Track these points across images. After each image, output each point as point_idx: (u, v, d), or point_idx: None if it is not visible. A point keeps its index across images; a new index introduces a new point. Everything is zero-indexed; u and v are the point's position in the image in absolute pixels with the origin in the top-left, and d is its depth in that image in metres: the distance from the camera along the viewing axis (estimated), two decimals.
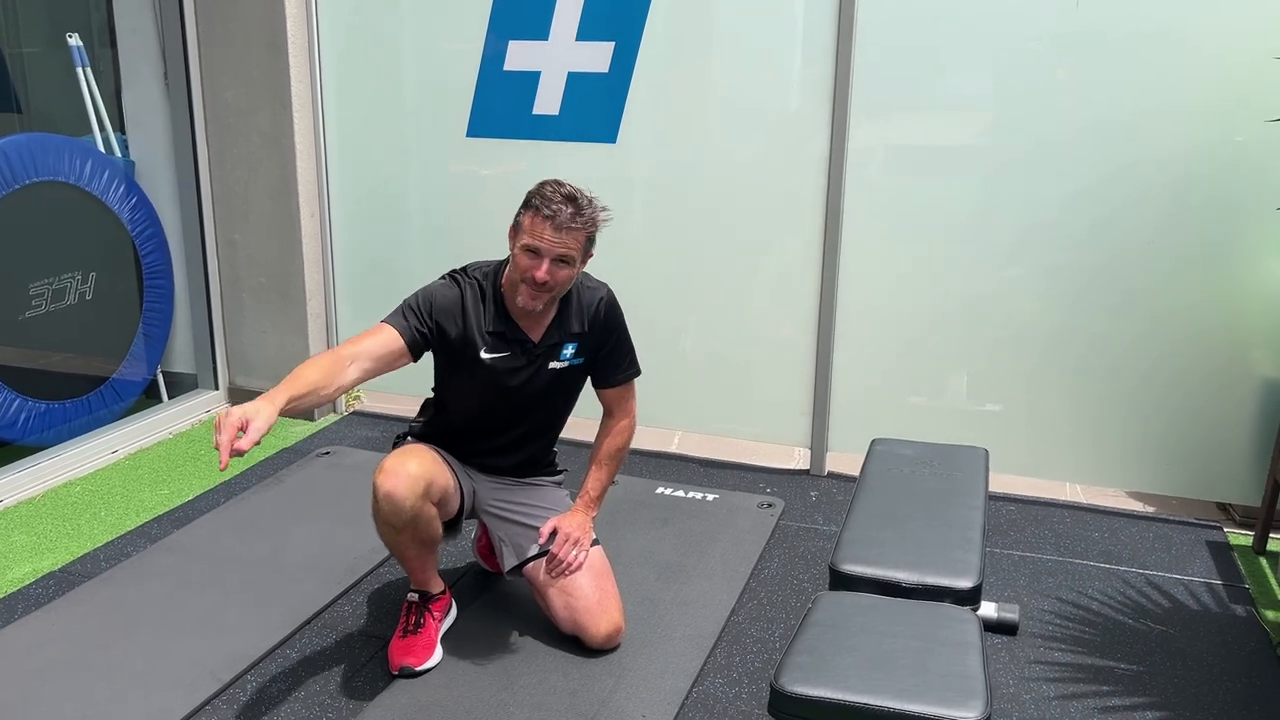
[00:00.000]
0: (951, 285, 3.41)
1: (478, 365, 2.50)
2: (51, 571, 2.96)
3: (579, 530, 2.60)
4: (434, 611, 2.56)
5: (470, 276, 2.54)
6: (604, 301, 2.59)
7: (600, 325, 2.58)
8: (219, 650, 2.56)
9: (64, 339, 3.73)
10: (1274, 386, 3.17)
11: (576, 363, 2.59)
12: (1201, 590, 2.92)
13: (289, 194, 3.93)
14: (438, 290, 2.50)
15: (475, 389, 2.56)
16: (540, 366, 2.54)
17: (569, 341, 2.56)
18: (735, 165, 3.54)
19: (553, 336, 2.54)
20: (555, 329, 2.54)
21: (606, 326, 2.59)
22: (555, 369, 2.56)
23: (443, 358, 2.55)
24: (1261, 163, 3.04)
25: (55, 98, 3.88)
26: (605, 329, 2.59)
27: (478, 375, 2.52)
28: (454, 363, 2.52)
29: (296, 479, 3.54)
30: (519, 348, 2.52)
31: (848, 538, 2.27)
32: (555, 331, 2.54)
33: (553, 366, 2.56)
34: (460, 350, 2.50)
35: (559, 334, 2.54)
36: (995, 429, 3.44)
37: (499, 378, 2.52)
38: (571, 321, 2.55)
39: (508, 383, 2.53)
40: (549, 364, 2.55)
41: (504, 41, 3.67)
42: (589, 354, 2.60)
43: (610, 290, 2.63)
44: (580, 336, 2.57)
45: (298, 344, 4.08)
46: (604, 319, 2.58)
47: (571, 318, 2.55)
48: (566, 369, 2.58)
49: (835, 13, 3.28)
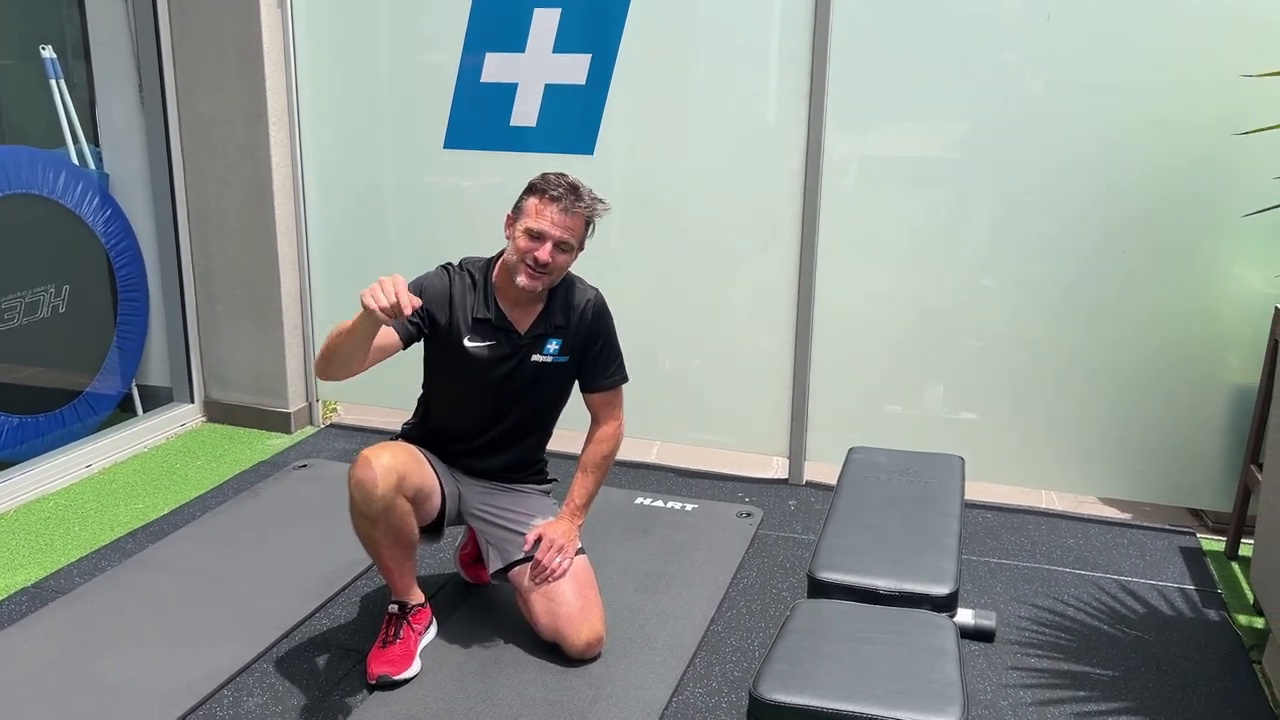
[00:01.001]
0: (927, 295, 3.44)
1: (462, 354, 2.53)
2: (24, 587, 2.93)
3: (563, 538, 2.61)
4: (414, 623, 2.55)
5: (463, 268, 2.59)
6: (592, 303, 2.63)
7: (586, 324, 2.61)
8: (195, 665, 2.54)
9: (37, 352, 3.70)
10: (1245, 393, 3.21)
11: (561, 360, 2.60)
12: (1175, 595, 2.95)
13: (265, 206, 3.92)
14: (428, 279, 2.56)
15: (459, 380, 2.58)
16: (524, 358, 2.56)
17: (553, 336, 2.58)
18: (712, 176, 3.56)
19: (538, 328, 2.57)
20: (542, 321, 2.57)
21: (593, 327, 2.62)
22: (538, 362, 2.58)
23: (431, 348, 2.59)
24: (1230, 174, 3.08)
25: (28, 110, 3.86)
26: (592, 329, 2.62)
27: (461, 365, 2.54)
28: (440, 352, 2.56)
29: (273, 492, 3.52)
30: (504, 337, 2.55)
31: (825, 546, 2.28)
32: (541, 323, 2.57)
33: (535, 359, 2.58)
34: (445, 338, 2.53)
35: (544, 326, 2.57)
36: (971, 437, 3.47)
37: (482, 368, 2.54)
38: (557, 314, 2.58)
39: (490, 374, 2.55)
40: (532, 356, 2.57)
41: (481, 53, 3.67)
42: (574, 354, 2.62)
43: (601, 294, 2.67)
44: (564, 332, 2.59)
45: (274, 357, 4.06)
46: (590, 319, 2.61)
47: (557, 310, 2.58)
48: (550, 364, 2.60)
49: (810, 27, 3.31)
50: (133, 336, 4.03)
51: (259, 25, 3.74)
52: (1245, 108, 2.97)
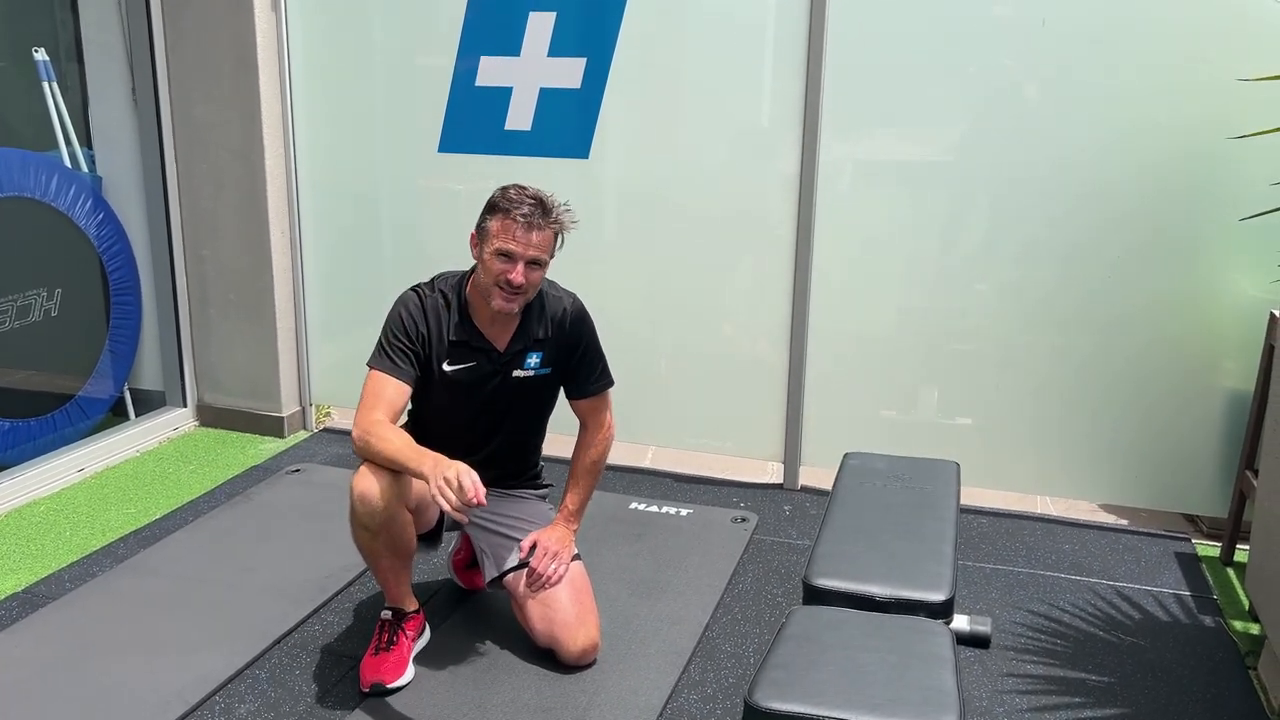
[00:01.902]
0: (922, 300, 3.44)
1: (443, 379, 2.50)
2: (15, 593, 2.91)
3: (558, 544, 2.60)
4: (407, 630, 2.54)
5: (435, 289, 2.55)
6: (569, 310, 2.59)
7: (566, 333, 2.58)
8: (187, 671, 2.52)
9: (29, 356, 3.68)
10: (1240, 398, 3.21)
11: (543, 372, 2.58)
12: (1170, 601, 2.95)
13: (259, 209, 3.91)
14: (400, 316, 2.50)
15: (444, 403, 2.55)
16: (505, 375, 2.54)
17: (533, 350, 2.56)
18: (707, 181, 3.56)
19: (517, 344, 2.54)
20: (520, 336, 2.54)
21: (573, 335, 2.59)
22: (519, 377, 2.56)
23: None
24: (1224, 178, 3.08)
25: (21, 112, 3.84)
26: (572, 337, 2.59)
27: (444, 389, 2.52)
28: (424, 379, 2.52)
29: (266, 497, 3.51)
30: (484, 357, 2.52)
31: (821, 552, 2.27)
32: (520, 338, 2.54)
33: (517, 375, 2.55)
34: (425, 365, 2.50)
35: (524, 341, 2.54)
36: (966, 442, 3.46)
37: (465, 390, 2.52)
38: (535, 327, 2.55)
39: (474, 395, 2.53)
40: (513, 372, 2.55)
41: (475, 57, 3.67)
42: (556, 364, 2.60)
43: (577, 299, 2.63)
44: (544, 344, 2.56)
45: (267, 360, 4.05)
46: (569, 327, 2.58)
47: (534, 324, 2.55)
48: (532, 378, 2.57)
49: (806, 30, 3.31)
50: (125, 340, 4.02)
51: (253, 28, 3.73)
52: (1240, 112, 2.97)
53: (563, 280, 2.66)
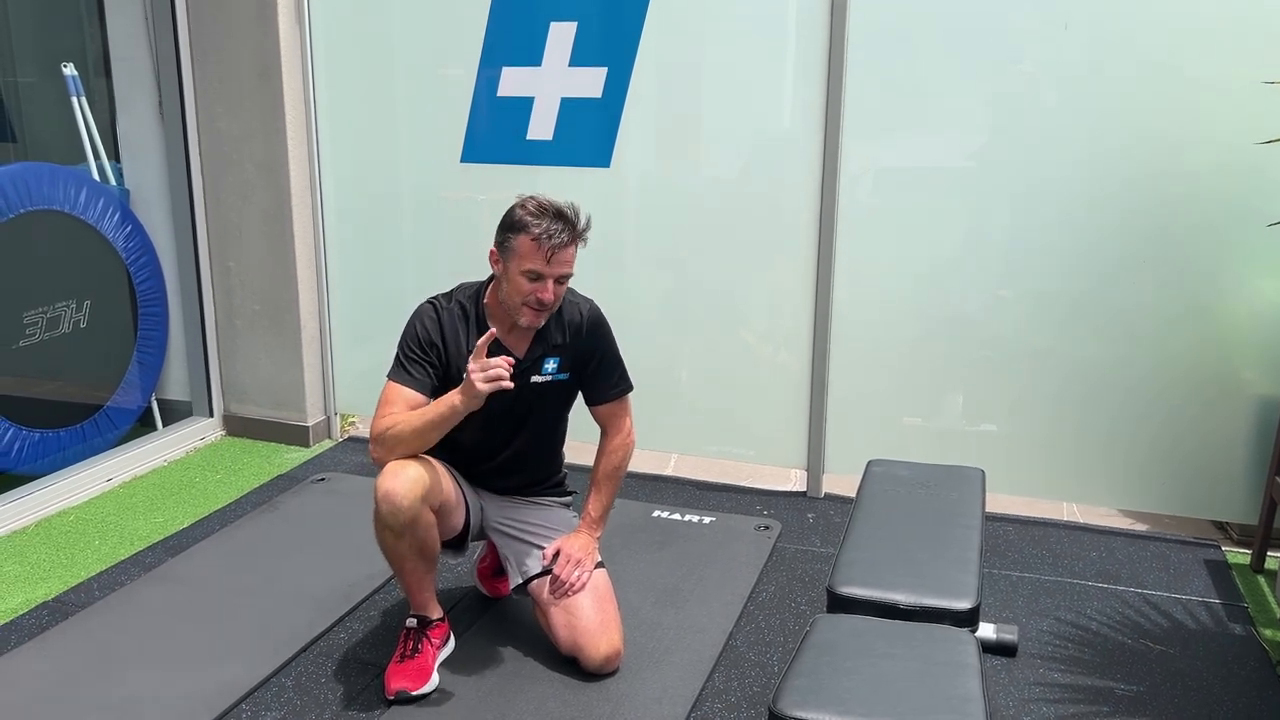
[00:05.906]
0: (945, 306, 3.42)
1: None
2: (45, 601, 2.94)
3: (581, 552, 2.60)
4: (432, 638, 2.54)
5: (453, 300, 2.57)
6: (587, 315, 2.60)
7: (583, 338, 2.59)
8: (213, 679, 2.54)
9: (58, 367, 3.73)
10: (1269, 404, 3.18)
11: (561, 378, 2.59)
12: (1199, 609, 2.91)
13: (283, 221, 3.94)
14: (415, 328, 2.53)
15: None
16: (525, 382, 2.55)
17: (551, 356, 2.57)
18: (729, 188, 3.56)
19: (536, 350, 2.56)
20: (538, 343, 2.56)
21: (591, 340, 2.60)
22: (538, 383, 2.57)
23: None
24: (1251, 184, 3.05)
25: (50, 127, 3.90)
26: (589, 342, 2.60)
27: None
28: (441, 390, 2.52)
29: (291, 505, 3.53)
30: None
31: (845, 560, 2.27)
32: (539, 345, 2.56)
33: (535, 381, 2.56)
34: (444, 376, 2.51)
35: (542, 347, 2.56)
36: (991, 449, 3.44)
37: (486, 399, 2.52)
38: (553, 334, 2.56)
39: (493, 402, 2.53)
40: (531, 378, 2.55)
41: (497, 68, 3.69)
42: (574, 369, 2.61)
43: (594, 304, 2.64)
44: (562, 349, 2.58)
45: (293, 370, 4.08)
46: (587, 332, 2.59)
47: (552, 330, 2.56)
48: (550, 383, 2.58)
49: (826, 36, 3.31)
50: (152, 351, 4.06)
51: (277, 41, 3.77)
52: (1267, 116, 2.94)
53: (585, 288, 2.66)
